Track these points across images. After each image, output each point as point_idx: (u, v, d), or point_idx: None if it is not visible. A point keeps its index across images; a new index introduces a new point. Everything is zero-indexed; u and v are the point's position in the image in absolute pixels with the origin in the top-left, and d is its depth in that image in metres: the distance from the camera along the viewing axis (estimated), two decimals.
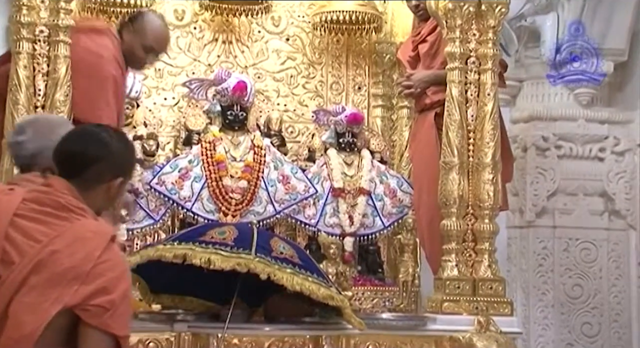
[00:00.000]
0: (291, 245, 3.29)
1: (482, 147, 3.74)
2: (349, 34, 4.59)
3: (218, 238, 3.12)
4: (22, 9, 3.38)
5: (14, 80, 3.34)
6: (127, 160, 2.13)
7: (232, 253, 3.05)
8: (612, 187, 4.88)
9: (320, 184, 4.27)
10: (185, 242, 3.13)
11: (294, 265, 3.10)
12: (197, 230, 3.36)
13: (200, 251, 3.07)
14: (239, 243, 3.10)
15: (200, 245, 3.09)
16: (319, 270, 3.26)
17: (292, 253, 3.17)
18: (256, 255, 3.05)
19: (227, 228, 3.24)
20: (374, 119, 4.60)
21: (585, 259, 4.83)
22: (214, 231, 3.19)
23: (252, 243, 3.11)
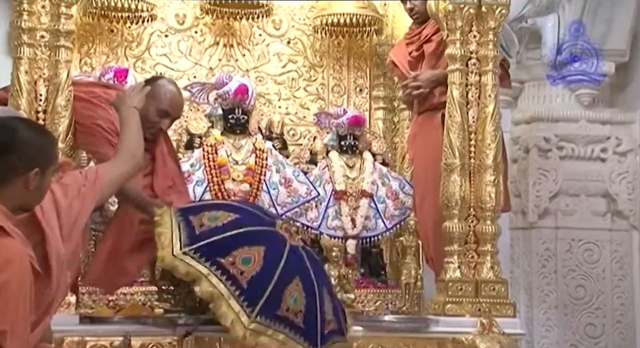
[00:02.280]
0: (306, 293, 3.07)
1: (484, 148, 3.74)
2: (350, 37, 4.60)
3: (238, 268, 2.97)
4: (22, 15, 3.39)
5: (15, 86, 3.35)
6: (40, 149, 2.06)
7: (237, 302, 2.95)
8: (614, 188, 4.88)
9: (322, 187, 4.27)
10: (206, 259, 2.98)
11: (290, 329, 2.99)
12: (226, 240, 3.07)
13: (213, 281, 2.95)
14: (252, 287, 2.97)
15: (217, 271, 2.96)
16: (320, 330, 3.08)
17: (301, 307, 3.02)
18: (256, 317, 2.95)
19: (256, 251, 3.03)
20: (375, 121, 4.61)
21: (588, 260, 4.83)
22: (239, 253, 3.00)
23: (265, 290, 2.97)
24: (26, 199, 2.06)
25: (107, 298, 3.82)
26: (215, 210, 3.20)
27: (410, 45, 4.19)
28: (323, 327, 3.10)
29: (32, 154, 2.02)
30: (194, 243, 3.03)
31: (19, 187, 2.02)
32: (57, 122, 3.37)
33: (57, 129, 3.36)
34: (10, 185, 2.00)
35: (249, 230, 3.11)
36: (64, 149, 3.36)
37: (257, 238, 3.10)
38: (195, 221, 3.11)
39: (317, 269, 3.23)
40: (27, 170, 2.01)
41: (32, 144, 2.03)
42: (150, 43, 4.43)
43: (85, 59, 4.34)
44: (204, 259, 2.99)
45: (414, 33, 4.18)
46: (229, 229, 3.08)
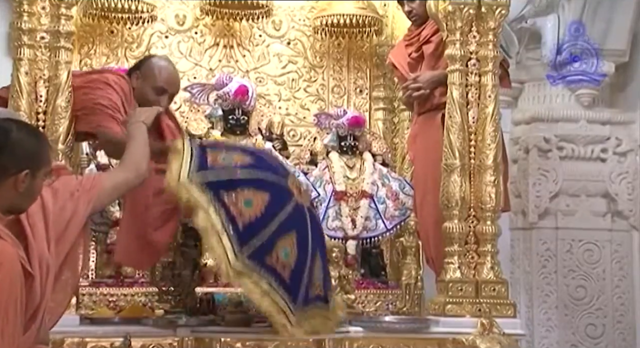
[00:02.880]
0: (299, 252, 3.01)
1: (484, 149, 3.74)
2: (350, 37, 4.60)
3: (239, 209, 2.90)
4: (22, 16, 3.39)
5: (16, 87, 3.35)
6: (31, 151, 2.05)
7: (228, 240, 2.87)
8: (614, 188, 4.88)
9: (322, 188, 4.27)
10: (210, 190, 2.89)
11: (275, 280, 2.92)
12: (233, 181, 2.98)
13: (211, 214, 2.87)
14: (247, 230, 2.90)
15: (217, 205, 2.88)
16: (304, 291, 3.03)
17: (290, 263, 2.96)
18: (243, 258, 2.88)
19: (260, 197, 2.96)
20: (375, 121, 4.61)
21: (588, 260, 4.83)
22: (243, 194, 2.93)
23: (259, 235, 2.92)
24: (16, 201, 2.05)
25: (107, 299, 3.82)
26: (233, 151, 3.15)
27: (410, 46, 4.19)
28: (308, 289, 3.04)
29: (22, 155, 2.02)
30: (201, 175, 2.96)
31: (8, 188, 2.02)
32: (57, 123, 3.37)
33: (57, 130, 3.36)
34: (0, 186, 1.99)
35: (258, 178, 3.04)
36: (63, 149, 3.36)
37: (264, 186, 3.03)
38: (210, 155, 3.04)
39: (317, 232, 3.18)
40: (17, 171, 2.00)
41: (24, 145, 2.03)
42: (151, 44, 4.44)
43: (85, 60, 4.34)
44: (208, 190, 2.91)
45: (413, 34, 4.19)
46: (239, 170, 3.03)
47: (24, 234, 2.14)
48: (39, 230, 2.16)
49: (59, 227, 2.22)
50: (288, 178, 3.15)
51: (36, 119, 3.36)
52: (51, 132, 3.36)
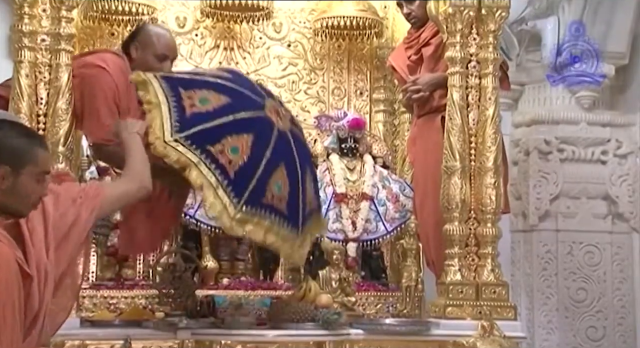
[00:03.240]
0: (290, 178, 3.15)
1: (484, 151, 3.74)
2: (350, 40, 4.60)
3: (227, 157, 2.98)
4: (23, 18, 3.38)
5: (16, 89, 3.34)
6: (15, 148, 2.05)
7: (225, 193, 2.96)
8: (614, 190, 4.88)
9: (322, 190, 4.26)
10: (197, 147, 2.95)
11: (275, 215, 3.07)
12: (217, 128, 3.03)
13: (203, 171, 2.94)
14: (239, 177, 2.99)
15: (206, 160, 2.95)
16: (301, 213, 3.20)
17: (284, 193, 3.11)
18: (242, 207, 2.98)
19: (244, 140, 3.04)
20: (375, 124, 4.61)
21: (589, 263, 4.83)
22: (228, 142, 3.00)
23: (251, 180, 3.01)
24: (0, 199, 2.04)
25: (107, 302, 3.82)
26: (206, 90, 3.16)
27: (409, 49, 4.19)
28: (305, 210, 3.20)
29: (3, 151, 2.02)
30: (184, 129, 2.99)
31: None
32: (58, 126, 3.36)
33: (58, 132, 3.36)
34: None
35: (237, 119, 3.10)
36: (64, 152, 3.36)
37: (245, 126, 3.10)
38: (185, 99, 3.07)
39: (302, 151, 3.31)
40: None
41: (7, 142, 2.03)
42: None
43: None
44: (195, 147, 2.97)
45: (412, 37, 4.19)
46: (218, 116, 3.07)
47: (22, 237, 2.14)
48: (37, 235, 2.16)
49: (59, 233, 2.21)
50: (265, 105, 3.21)
51: (37, 121, 3.36)
52: (52, 134, 3.36)
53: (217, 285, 4.04)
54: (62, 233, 2.22)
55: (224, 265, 4.14)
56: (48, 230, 2.18)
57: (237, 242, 4.16)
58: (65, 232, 2.23)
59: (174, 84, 3.13)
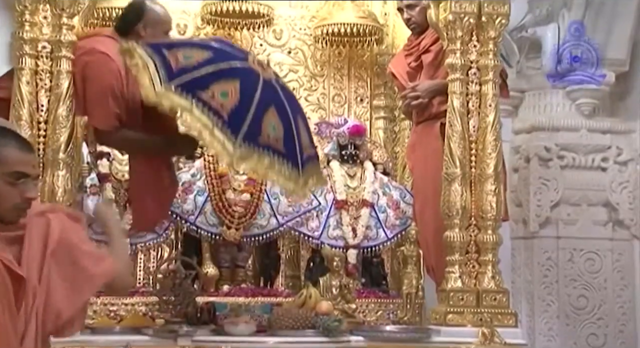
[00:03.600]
0: (283, 121, 3.26)
1: (484, 158, 3.74)
2: (351, 46, 4.61)
3: (218, 101, 3.10)
4: (24, 26, 3.40)
5: (17, 96, 3.35)
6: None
7: (221, 132, 3.07)
8: (615, 197, 4.88)
9: (323, 196, 4.27)
10: (187, 93, 3.07)
11: (273, 154, 3.17)
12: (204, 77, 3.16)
13: (196, 114, 3.05)
14: (233, 118, 3.10)
15: (199, 104, 3.06)
16: (300, 154, 3.32)
17: (280, 135, 3.21)
18: (240, 144, 3.08)
19: (232, 85, 3.16)
20: (376, 130, 4.61)
21: (589, 270, 4.82)
22: (216, 87, 3.12)
23: (245, 120, 3.12)
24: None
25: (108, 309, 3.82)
26: (189, 48, 3.29)
27: (409, 56, 4.20)
28: (302, 154, 3.31)
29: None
30: (172, 80, 3.12)
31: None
32: (58, 132, 3.37)
33: (59, 139, 3.37)
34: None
35: (222, 68, 3.22)
36: (65, 159, 3.37)
37: (231, 74, 3.23)
38: (170, 56, 3.18)
39: (291, 100, 3.42)
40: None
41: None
42: None
43: None
44: (185, 93, 3.08)
45: (412, 44, 4.20)
46: (203, 66, 3.19)
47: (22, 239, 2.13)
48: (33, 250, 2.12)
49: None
50: (248, 59, 3.33)
51: (37, 128, 3.37)
52: (52, 141, 3.37)
53: (218, 292, 4.04)
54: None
55: (224, 272, 4.14)
56: (46, 254, 2.14)
57: (238, 248, 4.16)
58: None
59: (158, 47, 3.25)
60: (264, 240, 4.15)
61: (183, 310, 3.61)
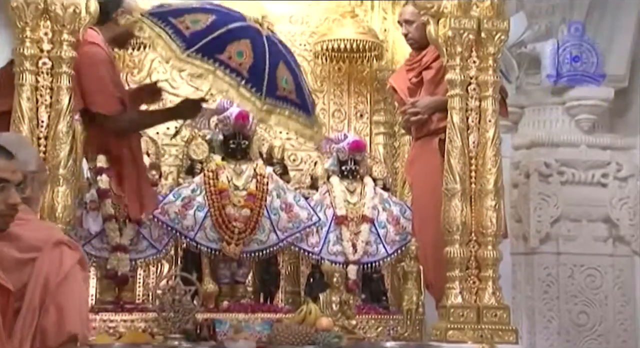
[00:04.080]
0: (291, 73, 3.59)
1: (484, 173, 3.74)
2: (351, 62, 4.62)
3: (236, 62, 3.38)
4: (25, 42, 3.40)
5: (17, 112, 3.35)
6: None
7: (246, 90, 3.40)
8: (615, 213, 4.88)
9: (323, 212, 4.26)
10: (208, 57, 3.37)
11: (290, 105, 3.54)
12: (217, 39, 3.44)
13: (219, 75, 3.36)
14: (252, 76, 3.41)
15: (220, 67, 3.37)
16: (309, 103, 3.70)
17: (292, 87, 3.54)
18: (265, 99, 3.41)
19: (244, 44, 3.44)
20: (376, 146, 4.61)
21: (590, 286, 4.81)
22: (232, 48, 3.40)
23: (263, 77, 3.42)
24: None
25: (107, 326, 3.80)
26: (192, 13, 3.54)
27: (411, 71, 4.21)
28: (310, 100, 3.70)
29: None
30: (191, 46, 3.40)
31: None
32: (59, 148, 3.37)
33: (59, 155, 3.37)
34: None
35: (230, 29, 3.50)
36: (65, 174, 3.37)
37: (241, 33, 3.52)
38: (178, 24, 3.44)
39: (289, 52, 3.76)
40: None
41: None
42: (152, 69, 4.45)
43: None
44: (207, 58, 3.39)
45: (414, 59, 4.21)
46: (214, 30, 3.46)
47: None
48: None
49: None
50: (246, 18, 3.61)
51: (37, 144, 3.36)
52: (52, 157, 3.37)
53: (217, 308, 4.03)
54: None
55: (223, 288, 4.13)
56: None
57: (238, 264, 4.15)
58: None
59: (164, 16, 3.50)
60: (263, 256, 4.14)
61: (182, 326, 3.59)
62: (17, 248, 2.17)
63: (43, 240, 2.16)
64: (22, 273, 2.14)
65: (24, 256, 2.13)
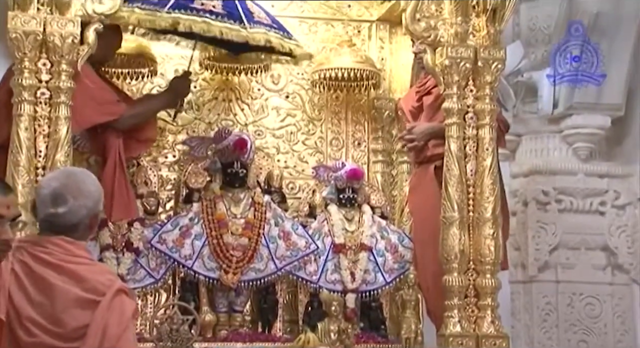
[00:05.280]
0: (257, 5, 3.99)
1: (482, 201, 3.75)
2: (348, 91, 4.64)
3: (208, 5, 3.71)
4: (24, 72, 3.41)
5: (15, 142, 3.36)
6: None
7: (222, 21, 3.73)
8: (613, 241, 4.87)
9: (321, 240, 4.26)
10: (183, 8, 3.70)
11: (271, 28, 3.87)
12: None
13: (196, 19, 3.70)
14: (227, 9, 3.75)
15: (199, 14, 3.70)
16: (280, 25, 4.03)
17: (263, 14, 3.89)
18: (249, 24, 3.75)
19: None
20: (374, 174, 4.61)
21: (589, 314, 4.79)
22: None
23: (238, 10, 3.79)
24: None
25: None
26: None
27: (417, 94, 4.24)
28: (280, 25, 4.02)
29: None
30: (164, 6, 3.72)
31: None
32: None
33: None
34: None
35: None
36: None
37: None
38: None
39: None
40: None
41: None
42: None
43: None
44: (183, 10, 3.71)
45: (421, 82, 4.24)
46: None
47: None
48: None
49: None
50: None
51: (35, 174, 3.37)
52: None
53: (215, 337, 4.01)
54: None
55: (221, 317, 4.11)
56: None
57: (235, 293, 4.13)
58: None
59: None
60: (261, 285, 4.13)
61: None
62: (82, 288, 2.19)
63: (107, 285, 2.19)
64: (84, 314, 2.16)
65: (89, 297, 2.16)
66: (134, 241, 3.99)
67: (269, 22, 3.89)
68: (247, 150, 4.19)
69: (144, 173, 4.19)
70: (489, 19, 3.83)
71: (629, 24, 4.87)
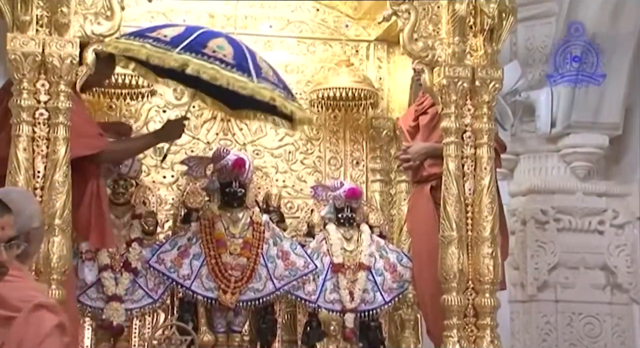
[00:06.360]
0: (266, 62, 3.86)
1: (481, 220, 3.74)
2: (346, 110, 4.65)
3: (220, 53, 3.60)
4: (22, 93, 3.41)
5: (14, 163, 3.35)
6: None
7: (236, 75, 3.56)
8: (613, 260, 4.86)
9: (319, 260, 4.25)
10: (196, 53, 3.55)
11: (275, 87, 3.72)
12: (197, 38, 3.65)
13: (208, 66, 3.52)
14: (238, 62, 3.62)
15: (209, 60, 3.55)
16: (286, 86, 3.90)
17: (270, 72, 3.78)
18: (258, 80, 3.60)
19: (220, 39, 3.69)
20: (372, 193, 4.62)
21: (589, 334, 4.77)
22: (212, 43, 3.63)
23: (247, 60, 3.66)
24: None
25: None
26: (162, 28, 3.74)
27: (415, 113, 4.25)
28: (286, 86, 3.89)
29: None
30: (177, 46, 3.57)
31: None
32: (55, 198, 3.37)
33: (54, 205, 3.36)
34: None
35: (205, 30, 3.78)
36: (60, 225, 3.36)
37: (213, 33, 3.80)
38: (155, 36, 3.63)
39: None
40: None
41: None
42: (148, 118, 4.47)
43: None
44: (194, 54, 3.55)
45: (419, 101, 4.25)
46: (190, 33, 3.68)
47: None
48: None
49: None
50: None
51: (33, 194, 3.36)
52: (48, 207, 3.36)
53: None
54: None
55: (220, 337, 4.10)
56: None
57: (234, 313, 4.12)
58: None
59: (138, 33, 3.68)
60: (260, 305, 4.12)
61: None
62: (0, 307, 2.16)
63: (24, 301, 2.14)
64: (1, 332, 2.12)
65: (5, 314, 2.12)
66: (132, 261, 3.98)
67: (275, 81, 3.76)
68: (245, 170, 4.19)
69: (143, 193, 4.20)
70: (486, 39, 3.84)
71: (625, 43, 4.89)
